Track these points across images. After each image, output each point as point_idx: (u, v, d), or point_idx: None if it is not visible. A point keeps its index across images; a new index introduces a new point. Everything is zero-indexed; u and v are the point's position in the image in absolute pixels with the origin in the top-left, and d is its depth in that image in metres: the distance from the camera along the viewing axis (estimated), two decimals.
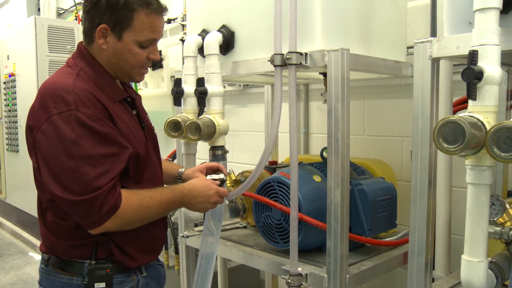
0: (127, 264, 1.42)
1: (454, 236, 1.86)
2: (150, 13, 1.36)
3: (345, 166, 1.54)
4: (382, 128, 2.44)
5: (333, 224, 1.55)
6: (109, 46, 1.37)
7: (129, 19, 1.35)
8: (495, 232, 1.31)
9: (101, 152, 1.27)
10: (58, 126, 1.25)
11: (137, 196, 1.34)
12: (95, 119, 1.28)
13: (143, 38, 1.38)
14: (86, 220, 1.28)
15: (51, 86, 1.33)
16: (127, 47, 1.37)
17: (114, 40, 1.37)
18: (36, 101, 1.33)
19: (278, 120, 1.64)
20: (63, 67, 1.43)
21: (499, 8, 1.15)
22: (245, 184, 1.78)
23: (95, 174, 1.25)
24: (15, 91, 4.96)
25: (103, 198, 1.25)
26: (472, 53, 1.14)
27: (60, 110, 1.26)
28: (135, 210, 1.33)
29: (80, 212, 1.27)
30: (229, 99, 3.33)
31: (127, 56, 1.39)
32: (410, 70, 1.88)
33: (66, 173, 1.25)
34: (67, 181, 1.25)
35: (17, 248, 5.00)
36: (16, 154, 5.03)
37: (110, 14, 1.34)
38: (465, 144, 1.09)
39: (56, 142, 1.25)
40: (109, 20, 1.34)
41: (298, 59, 1.54)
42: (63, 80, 1.33)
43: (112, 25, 1.35)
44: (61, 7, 5.68)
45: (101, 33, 1.36)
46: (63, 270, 1.39)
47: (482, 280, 1.21)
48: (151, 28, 1.38)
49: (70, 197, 1.24)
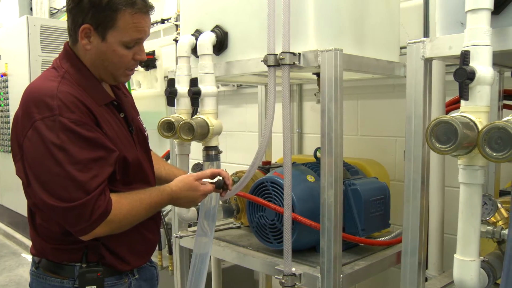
0: (119, 267, 1.41)
1: (447, 236, 1.86)
2: (135, 13, 1.32)
3: (338, 166, 1.54)
4: (375, 128, 2.44)
5: (326, 224, 1.55)
6: (93, 46, 1.33)
7: (113, 19, 1.30)
8: (487, 231, 1.31)
9: (88, 156, 1.24)
10: (42, 132, 1.22)
11: (127, 200, 1.33)
12: (80, 124, 1.25)
13: (128, 39, 1.33)
14: (76, 227, 1.25)
15: (34, 90, 1.30)
16: (111, 47, 1.33)
17: (98, 40, 1.32)
18: (20, 107, 1.30)
19: (271, 120, 1.64)
20: (49, 69, 1.40)
21: (491, 9, 1.16)
22: (238, 184, 1.78)
23: (84, 179, 1.22)
24: (7, 91, 4.93)
25: (94, 204, 1.23)
26: (464, 53, 1.14)
27: (43, 116, 1.22)
28: (126, 215, 1.31)
29: (70, 219, 1.24)
30: (223, 99, 3.32)
31: (112, 57, 1.34)
32: (403, 70, 1.89)
33: (54, 180, 1.22)
34: (56, 188, 1.22)
35: (9, 249, 4.97)
36: (8, 154, 4.99)
37: (93, 14, 1.29)
38: (458, 144, 1.10)
39: (41, 149, 1.22)
40: (92, 20, 1.30)
41: (292, 59, 1.54)
42: (46, 84, 1.30)
43: (95, 25, 1.30)
44: (54, 6, 5.65)
45: (84, 33, 1.32)
46: (53, 273, 1.38)
47: (475, 279, 1.22)
48: (136, 28, 1.33)
49: (60, 204, 1.22)
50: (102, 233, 1.29)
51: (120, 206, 1.30)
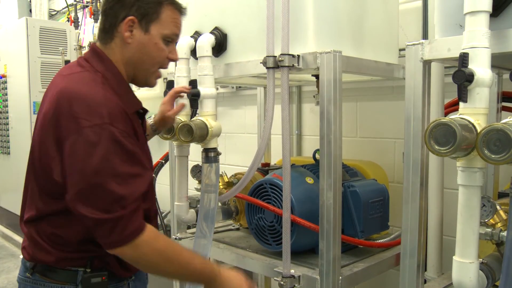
0: (121, 274, 1.40)
1: (446, 238, 1.86)
2: (175, 9, 1.39)
3: (337, 168, 1.54)
4: (374, 130, 2.45)
5: (325, 226, 1.55)
6: (135, 40, 1.35)
7: (157, 12, 1.35)
8: (486, 233, 1.31)
9: (128, 171, 1.23)
10: (90, 139, 1.19)
11: (166, 240, 1.31)
12: (126, 136, 1.24)
13: (168, 32, 1.38)
14: (107, 239, 1.23)
15: (79, 95, 1.24)
16: (154, 40, 1.36)
17: (141, 33, 1.35)
18: (59, 108, 1.24)
19: (270, 122, 1.64)
20: (80, 72, 1.34)
21: (489, 11, 1.16)
22: (237, 186, 1.78)
23: (122, 192, 1.21)
24: (6, 93, 4.93)
25: (128, 219, 1.21)
26: (463, 55, 1.15)
27: (93, 123, 1.19)
28: (159, 251, 1.27)
29: (103, 230, 1.22)
30: (222, 101, 3.32)
31: (152, 50, 1.37)
32: (402, 72, 1.89)
33: (92, 189, 1.20)
34: (92, 198, 1.20)
35: (8, 251, 4.96)
36: (8, 156, 4.99)
37: (139, 7, 1.33)
38: (456, 146, 1.10)
39: (85, 157, 1.19)
40: (137, 12, 1.33)
41: (291, 61, 1.55)
42: (91, 89, 1.26)
43: (140, 17, 1.33)
44: (53, 8, 5.65)
45: (128, 26, 1.33)
46: (52, 279, 1.34)
47: (473, 281, 1.22)
48: (175, 23, 1.40)
49: (94, 214, 1.20)
50: (128, 256, 1.26)
51: (156, 238, 1.28)
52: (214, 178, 1.82)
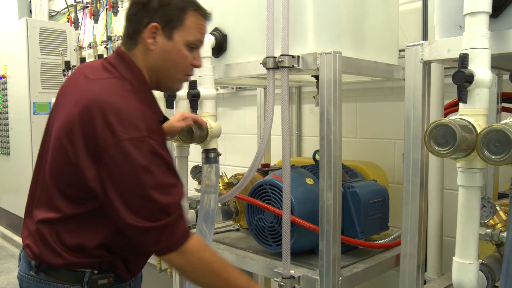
0: (125, 276, 1.41)
1: (445, 238, 1.86)
2: (199, 15, 1.37)
3: (337, 169, 1.54)
4: (374, 131, 2.45)
5: (325, 226, 1.55)
6: (158, 46, 1.33)
7: (181, 18, 1.33)
8: (486, 234, 1.31)
9: (168, 181, 1.24)
10: (130, 152, 1.18)
11: (211, 252, 1.33)
12: (163, 147, 1.25)
13: (192, 38, 1.36)
14: (156, 246, 1.25)
15: (114, 106, 1.22)
16: (177, 47, 1.34)
17: (164, 39, 1.33)
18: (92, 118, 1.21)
19: (270, 123, 1.64)
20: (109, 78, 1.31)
21: (489, 12, 1.16)
22: (237, 186, 1.78)
23: (166, 201, 1.22)
24: (6, 94, 4.93)
25: (175, 225, 1.24)
26: (462, 56, 1.15)
27: (131, 136, 1.19)
28: (204, 261, 1.29)
29: (151, 238, 1.24)
30: (222, 101, 3.33)
31: (176, 57, 1.36)
32: (402, 73, 1.89)
33: (137, 201, 1.21)
34: (138, 208, 1.21)
35: (8, 251, 4.96)
36: (7, 157, 4.99)
37: (163, 13, 1.31)
38: (456, 146, 1.10)
39: (127, 169, 1.19)
40: (161, 19, 1.31)
41: (291, 62, 1.55)
42: (125, 101, 1.25)
43: (163, 23, 1.32)
44: (53, 9, 5.65)
45: (151, 32, 1.32)
46: (58, 279, 1.33)
47: (473, 282, 1.22)
48: (199, 29, 1.38)
49: (141, 223, 1.21)
50: (177, 263, 1.29)
51: (204, 249, 1.31)
52: (214, 178, 1.82)
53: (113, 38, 3.47)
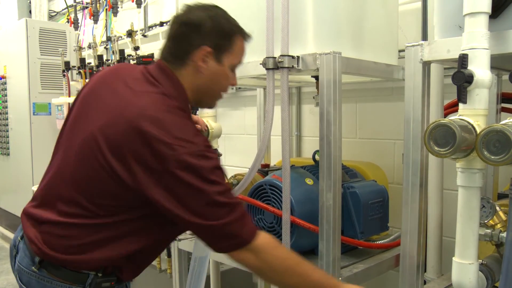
0: (127, 279, 1.41)
1: (445, 239, 1.87)
2: (243, 39, 1.42)
3: (337, 169, 1.54)
4: (374, 131, 2.45)
5: (325, 227, 1.55)
6: (207, 69, 1.36)
7: (230, 43, 1.38)
8: (485, 234, 1.32)
9: (226, 186, 1.27)
10: (193, 165, 1.20)
11: (284, 248, 1.35)
12: (217, 158, 1.29)
13: (236, 62, 1.41)
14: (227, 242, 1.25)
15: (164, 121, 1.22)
16: (225, 70, 1.39)
17: (214, 63, 1.36)
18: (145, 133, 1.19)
19: (270, 123, 1.64)
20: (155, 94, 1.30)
21: (488, 12, 1.16)
22: (238, 187, 1.78)
23: (231, 201, 1.25)
24: (6, 94, 4.92)
25: (241, 219, 1.25)
26: (462, 56, 1.15)
27: (191, 150, 1.21)
28: (279, 258, 1.29)
29: (219, 236, 1.24)
30: (222, 102, 3.27)
31: (222, 79, 1.40)
32: (401, 73, 1.90)
33: (202, 207, 1.22)
34: (204, 213, 1.22)
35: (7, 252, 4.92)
36: (7, 157, 4.98)
37: (215, 38, 1.35)
38: (456, 147, 1.10)
39: (191, 182, 1.20)
40: (212, 42, 1.34)
41: (290, 62, 1.55)
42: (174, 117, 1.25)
43: (215, 48, 1.35)
44: (53, 9, 5.65)
45: (204, 56, 1.34)
46: (60, 278, 1.32)
47: (473, 282, 1.22)
48: (242, 53, 1.43)
49: (207, 222, 1.22)
50: (252, 263, 1.27)
51: (276, 245, 1.31)
52: None
53: (113, 39, 3.47)
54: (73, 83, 4.02)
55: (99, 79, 1.43)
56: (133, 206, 1.28)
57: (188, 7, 1.37)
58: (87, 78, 3.68)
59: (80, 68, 3.75)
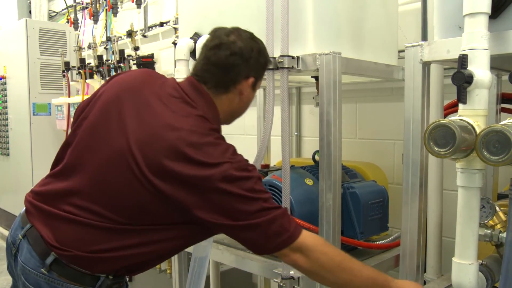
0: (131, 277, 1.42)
1: (445, 239, 1.86)
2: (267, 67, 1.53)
3: (337, 169, 1.54)
4: (373, 132, 2.45)
5: (325, 227, 1.55)
6: (246, 96, 1.44)
7: (264, 73, 1.49)
8: (485, 234, 1.32)
9: (270, 195, 1.31)
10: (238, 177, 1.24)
11: (331, 245, 1.36)
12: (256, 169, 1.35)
13: (259, 87, 1.52)
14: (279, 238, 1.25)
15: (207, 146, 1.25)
16: (253, 95, 1.48)
17: (250, 90, 1.44)
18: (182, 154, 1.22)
19: (270, 124, 1.64)
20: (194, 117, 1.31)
21: (488, 13, 1.16)
22: None
23: (277, 206, 1.28)
24: (6, 94, 4.92)
25: (283, 216, 1.27)
26: (462, 57, 1.15)
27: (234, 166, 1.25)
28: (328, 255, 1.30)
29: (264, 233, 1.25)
30: None
31: (249, 102, 1.49)
32: (401, 73, 1.90)
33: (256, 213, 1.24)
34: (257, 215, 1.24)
35: None
36: (7, 157, 4.98)
37: (260, 70, 1.44)
38: (456, 147, 1.10)
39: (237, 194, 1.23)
40: (255, 74, 1.42)
41: (290, 63, 1.55)
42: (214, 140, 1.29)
43: (256, 78, 1.43)
44: (53, 9, 5.65)
45: (248, 86, 1.41)
46: (72, 280, 1.30)
47: (473, 282, 1.22)
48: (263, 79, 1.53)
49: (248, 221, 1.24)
50: (302, 263, 1.28)
51: (323, 243, 1.33)
52: None
53: (113, 39, 3.47)
54: (73, 83, 4.02)
55: (125, 87, 1.40)
56: (172, 221, 1.30)
57: (236, 34, 1.40)
58: (87, 78, 3.68)
59: (80, 69, 3.76)
